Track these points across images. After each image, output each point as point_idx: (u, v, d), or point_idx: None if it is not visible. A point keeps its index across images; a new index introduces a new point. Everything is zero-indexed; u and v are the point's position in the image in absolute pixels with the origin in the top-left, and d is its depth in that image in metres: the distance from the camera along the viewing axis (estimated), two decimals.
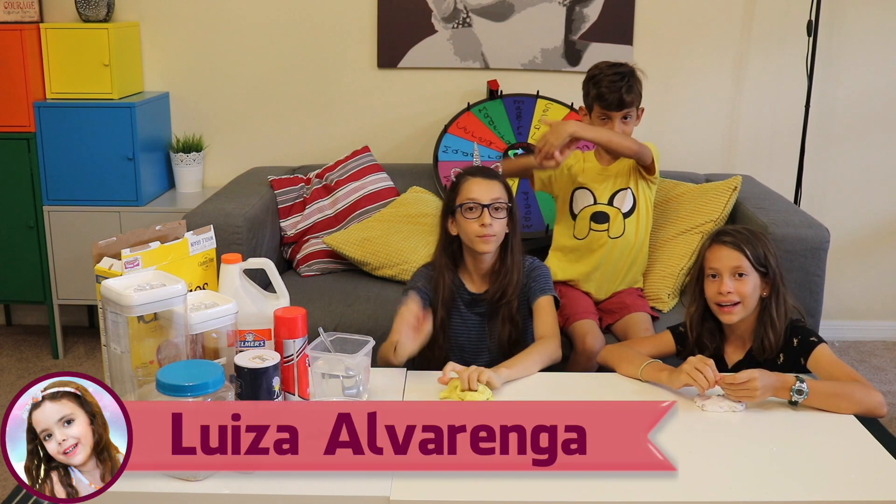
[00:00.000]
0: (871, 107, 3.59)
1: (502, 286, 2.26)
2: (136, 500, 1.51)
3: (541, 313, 2.24)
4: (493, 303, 2.28)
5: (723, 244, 2.03)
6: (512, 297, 2.26)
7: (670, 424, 1.79)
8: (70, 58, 3.29)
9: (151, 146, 3.49)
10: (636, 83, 2.64)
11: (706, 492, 1.54)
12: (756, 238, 2.04)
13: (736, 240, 2.02)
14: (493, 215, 2.21)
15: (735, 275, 2.00)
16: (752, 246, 2.02)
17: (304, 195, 3.21)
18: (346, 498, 1.51)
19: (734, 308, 2.00)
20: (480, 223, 2.21)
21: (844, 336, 3.71)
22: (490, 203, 2.22)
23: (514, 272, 2.27)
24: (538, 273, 2.30)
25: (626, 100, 2.60)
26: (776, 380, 1.82)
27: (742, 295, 1.99)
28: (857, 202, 3.66)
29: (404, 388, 1.92)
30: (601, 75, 2.63)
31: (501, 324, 2.27)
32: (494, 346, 2.29)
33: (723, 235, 2.05)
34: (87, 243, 3.00)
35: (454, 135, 3.35)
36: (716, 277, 2.03)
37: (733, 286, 1.99)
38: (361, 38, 3.56)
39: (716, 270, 2.02)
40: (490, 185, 2.26)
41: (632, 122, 2.67)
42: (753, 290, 2.01)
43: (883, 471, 1.61)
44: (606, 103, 2.62)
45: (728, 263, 2.01)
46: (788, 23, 3.50)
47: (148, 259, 1.76)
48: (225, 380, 1.56)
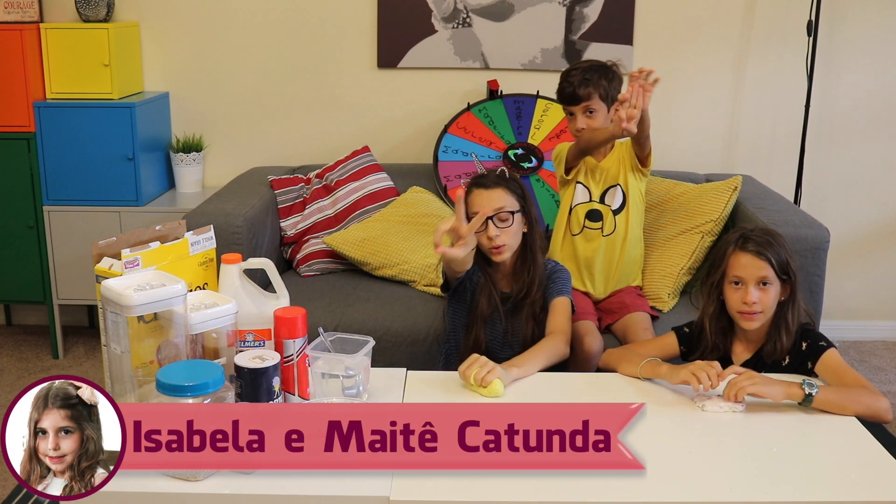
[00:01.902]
0: (871, 107, 3.59)
1: (525, 284, 2.29)
2: (136, 500, 1.51)
3: (554, 311, 2.26)
4: (517, 301, 2.31)
5: (747, 252, 2.00)
6: (536, 296, 2.29)
7: (670, 424, 1.79)
8: (70, 58, 3.29)
9: (151, 146, 3.49)
10: (598, 78, 2.59)
11: (706, 492, 1.54)
12: (777, 242, 2.02)
13: (760, 248, 1.99)
14: (498, 226, 2.22)
15: (760, 283, 1.98)
16: (776, 253, 1.99)
17: (304, 195, 3.21)
18: (346, 498, 1.51)
19: (756, 316, 1.99)
20: (486, 236, 2.23)
21: (844, 336, 3.71)
22: (493, 214, 2.22)
23: (535, 271, 2.29)
24: (558, 276, 2.33)
25: (579, 93, 2.58)
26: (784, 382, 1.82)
27: (765, 305, 1.98)
28: (857, 202, 3.67)
29: (404, 388, 1.92)
30: (566, 71, 2.66)
31: (525, 322, 2.30)
32: (517, 343, 2.31)
33: (747, 242, 2.01)
34: (87, 243, 3.01)
35: (454, 135, 3.35)
36: (739, 285, 2.00)
37: (758, 296, 1.97)
38: (361, 38, 3.56)
39: (740, 279, 2.00)
40: (492, 195, 2.25)
41: (599, 116, 2.62)
42: (775, 298, 2.00)
43: (883, 471, 1.61)
44: (561, 97, 2.65)
45: (754, 273, 1.98)
46: (788, 23, 3.50)
47: (148, 259, 1.75)
48: (225, 380, 1.56)
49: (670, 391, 1.92)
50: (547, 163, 3.25)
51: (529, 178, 3.24)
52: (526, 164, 3.27)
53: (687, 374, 1.85)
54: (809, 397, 1.79)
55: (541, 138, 3.33)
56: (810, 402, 1.80)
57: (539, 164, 3.26)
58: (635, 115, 2.34)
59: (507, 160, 3.27)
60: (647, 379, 1.97)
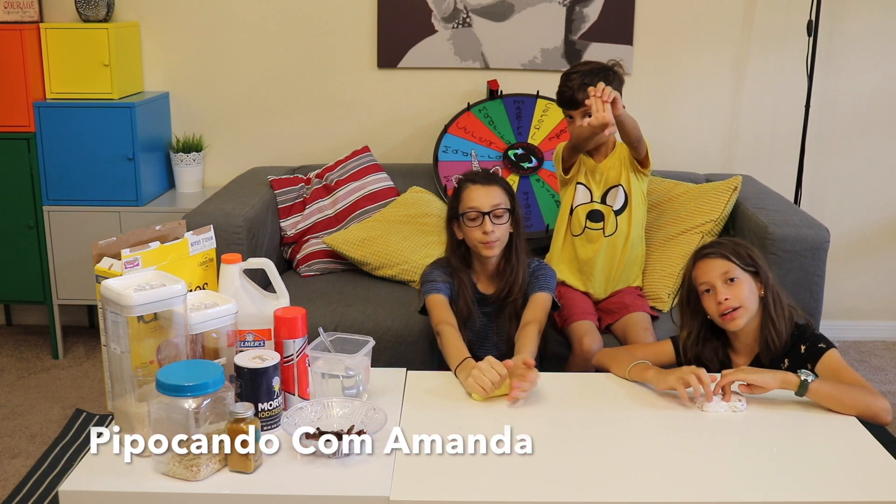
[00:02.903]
0: (871, 107, 3.58)
1: (508, 284, 2.34)
2: (136, 499, 1.51)
3: (533, 303, 2.29)
4: (499, 301, 2.36)
5: (706, 257, 2.05)
6: (517, 295, 2.34)
7: (670, 424, 1.79)
8: (70, 58, 3.29)
9: (151, 146, 3.49)
10: (595, 80, 2.55)
11: (706, 492, 1.54)
12: (735, 243, 2.07)
13: (717, 249, 2.05)
14: (493, 222, 2.28)
15: (727, 280, 2.01)
16: (733, 249, 2.04)
17: (304, 195, 3.21)
18: (346, 498, 1.51)
19: (736, 313, 2.00)
20: (482, 230, 2.28)
21: (844, 336, 3.71)
22: (490, 210, 2.28)
23: (518, 271, 2.34)
24: (542, 273, 2.37)
25: (579, 97, 2.58)
26: (781, 373, 1.82)
27: (739, 298, 1.99)
28: (857, 202, 3.66)
29: (404, 388, 1.92)
30: (566, 74, 2.66)
31: (509, 321, 2.35)
32: (502, 342, 2.36)
33: (703, 250, 2.08)
34: (87, 243, 3.00)
35: (454, 135, 3.35)
36: (710, 291, 2.03)
37: (728, 292, 2.00)
38: (361, 38, 3.56)
39: (708, 284, 2.03)
40: (489, 192, 2.31)
41: None
42: (750, 291, 2.01)
43: (883, 471, 1.61)
44: (561, 101, 2.65)
45: (717, 272, 2.02)
46: (788, 23, 3.50)
47: (148, 259, 1.75)
48: (225, 380, 1.56)
49: (668, 391, 1.91)
50: (547, 163, 3.25)
51: (529, 178, 3.24)
52: (526, 164, 3.27)
53: (674, 380, 1.85)
54: (805, 384, 1.80)
55: (541, 138, 3.33)
56: (805, 389, 1.80)
57: (539, 164, 3.26)
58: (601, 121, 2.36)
59: (507, 160, 3.27)
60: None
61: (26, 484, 2.58)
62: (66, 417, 2.99)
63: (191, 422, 1.50)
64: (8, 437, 2.87)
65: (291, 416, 1.67)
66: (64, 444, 2.81)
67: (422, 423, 1.76)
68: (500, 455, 1.63)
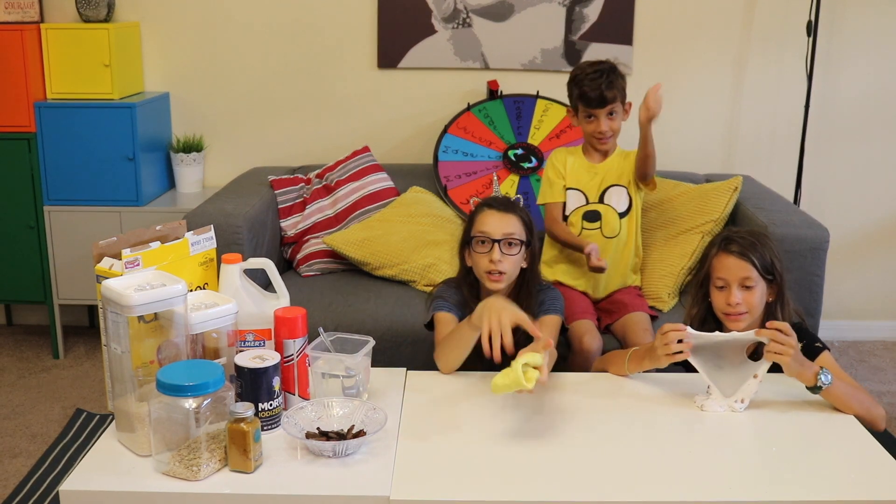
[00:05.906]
0: (871, 107, 3.59)
1: None
2: (136, 499, 1.51)
3: (543, 325, 2.13)
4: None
5: (730, 253, 2.00)
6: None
7: (670, 424, 1.79)
8: (70, 58, 3.29)
9: (151, 146, 3.49)
10: (617, 79, 2.63)
11: (706, 491, 1.54)
12: (762, 243, 2.01)
13: (743, 249, 1.99)
14: (504, 251, 2.12)
15: (743, 285, 1.98)
16: (760, 253, 1.99)
17: (305, 195, 3.21)
18: (346, 498, 1.51)
19: (741, 317, 1.99)
20: (490, 258, 2.12)
21: (844, 336, 3.71)
22: (502, 238, 2.12)
23: (528, 306, 2.14)
24: (550, 296, 2.22)
25: (608, 96, 2.59)
26: (806, 362, 1.83)
27: (750, 305, 1.98)
28: (857, 202, 3.67)
29: (404, 388, 1.92)
30: (582, 75, 2.64)
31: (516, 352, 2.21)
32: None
33: (730, 244, 2.01)
34: (87, 243, 3.01)
35: (454, 135, 3.35)
36: (723, 288, 2.00)
37: (742, 297, 1.98)
38: (361, 38, 3.56)
39: (724, 281, 2.00)
40: (504, 220, 2.15)
41: (618, 117, 2.66)
42: (760, 298, 2.00)
43: (883, 471, 1.61)
44: (588, 101, 2.63)
45: (736, 274, 1.98)
46: (788, 23, 3.50)
47: (148, 259, 1.76)
48: (225, 380, 1.56)
49: (668, 391, 1.92)
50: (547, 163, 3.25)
51: (529, 178, 3.24)
52: (526, 165, 3.27)
53: (662, 355, 1.86)
54: (818, 389, 1.81)
55: (541, 138, 3.33)
56: (818, 391, 1.81)
57: (539, 165, 3.26)
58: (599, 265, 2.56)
59: (507, 160, 3.27)
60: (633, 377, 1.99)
61: (27, 483, 2.58)
62: (67, 417, 3.00)
63: (191, 422, 1.51)
64: (8, 437, 2.87)
65: (291, 416, 1.67)
66: (64, 443, 2.81)
67: (422, 422, 1.76)
68: (500, 455, 1.64)
